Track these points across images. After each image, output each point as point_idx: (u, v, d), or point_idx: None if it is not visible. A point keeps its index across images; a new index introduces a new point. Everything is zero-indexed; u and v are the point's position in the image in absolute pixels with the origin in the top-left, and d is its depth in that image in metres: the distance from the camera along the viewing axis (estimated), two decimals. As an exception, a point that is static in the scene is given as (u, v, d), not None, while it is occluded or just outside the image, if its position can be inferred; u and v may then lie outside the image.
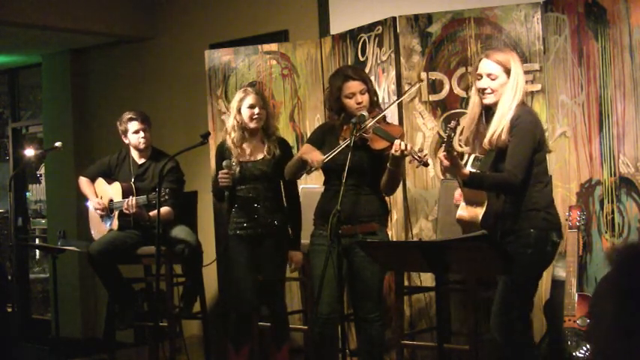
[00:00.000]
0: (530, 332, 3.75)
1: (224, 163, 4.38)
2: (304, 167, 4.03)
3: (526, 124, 3.47)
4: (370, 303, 3.96)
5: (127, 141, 5.13)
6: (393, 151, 3.72)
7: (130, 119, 5.07)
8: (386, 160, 3.86)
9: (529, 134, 3.47)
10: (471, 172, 3.46)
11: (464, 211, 3.69)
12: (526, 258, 3.45)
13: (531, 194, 3.51)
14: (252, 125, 4.45)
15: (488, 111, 3.61)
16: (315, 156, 3.87)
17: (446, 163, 3.38)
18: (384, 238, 3.98)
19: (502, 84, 3.54)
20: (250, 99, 4.45)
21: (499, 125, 3.50)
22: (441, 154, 3.43)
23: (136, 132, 5.06)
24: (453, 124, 3.41)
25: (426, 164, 3.72)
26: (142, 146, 5.09)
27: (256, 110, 4.44)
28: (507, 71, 3.54)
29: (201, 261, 5.08)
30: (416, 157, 3.67)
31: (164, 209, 4.71)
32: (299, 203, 4.55)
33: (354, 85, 3.93)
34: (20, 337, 6.27)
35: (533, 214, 3.51)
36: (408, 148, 3.70)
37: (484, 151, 3.62)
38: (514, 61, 3.57)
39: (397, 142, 3.71)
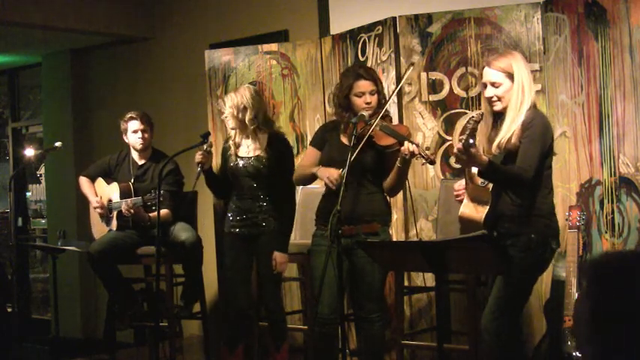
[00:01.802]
0: (521, 334, 3.75)
1: (206, 144, 4.43)
2: (315, 180, 4.07)
3: (539, 127, 3.46)
4: (372, 303, 3.96)
5: (127, 140, 5.13)
6: (402, 152, 3.73)
7: (131, 118, 5.07)
8: (390, 157, 3.86)
9: (541, 137, 3.46)
10: (489, 160, 3.42)
11: (468, 209, 3.68)
12: (523, 262, 3.45)
13: (536, 200, 3.50)
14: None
15: (500, 116, 3.59)
16: (331, 173, 3.84)
17: (459, 146, 3.34)
18: (386, 238, 3.97)
19: (507, 90, 3.52)
20: (223, 100, 4.54)
21: (509, 129, 3.49)
22: (457, 147, 3.37)
23: (135, 132, 5.07)
24: (476, 116, 3.40)
25: (432, 162, 3.73)
26: (139, 147, 5.09)
27: (225, 113, 4.50)
28: (511, 76, 3.52)
29: (201, 256, 5.07)
30: (424, 155, 3.66)
31: (162, 211, 4.70)
32: (292, 204, 4.50)
33: (364, 85, 3.93)
34: (20, 337, 6.27)
35: (535, 219, 3.50)
36: (417, 149, 3.69)
37: (491, 153, 3.61)
38: (516, 63, 3.54)
39: (407, 145, 3.70)
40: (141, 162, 5.16)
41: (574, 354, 3.92)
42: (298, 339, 5.23)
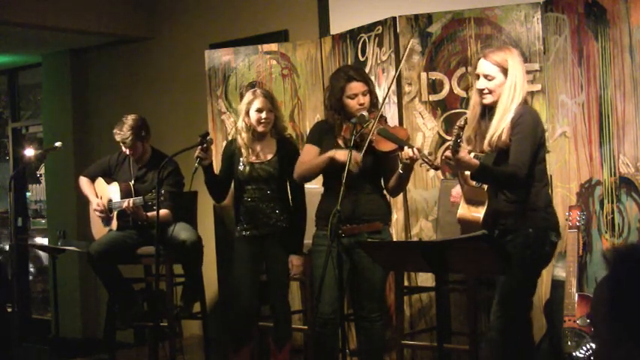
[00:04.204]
0: (530, 332, 3.74)
1: (207, 139, 4.40)
2: (327, 167, 4.00)
3: (528, 122, 3.47)
4: (373, 303, 3.97)
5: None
6: (403, 157, 3.71)
7: (127, 147, 5.05)
8: (390, 161, 3.85)
9: (531, 132, 3.47)
10: (481, 163, 3.42)
11: (464, 211, 3.68)
12: (525, 258, 3.45)
13: (531, 194, 3.51)
14: (259, 129, 4.47)
15: (490, 109, 3.59)
16: (355, 155, 3.71)
17: (447, 153, 3.35)
18: (387, 237, 3.98)
19: (499, 84, 3.53)
20: (258, 102, 4.46)
21: (498, 127, 3.49)
22: (445, 154, 3.39)
23: (129, 150, 5.08)
24: (461, 122, 3.40)
25: (437, 168, 3.69)
26: (137, 157, 5.11)
27: (264, 115, 4.45)
28: (505, 71, 3.52)
29: (201, 256, 5.07)
30: (426, 160, 3.64)
31: (162, 211, 4.69)
32: (305, 207, 4.50)
33: (357, 87, 3.92)
34: (20, 337, 6.27)
35: (531, 213, 3.50)
36: (418, 153, 3.66)
37: (483, 150, 3.61)
38: (512, 60, 3.54)
39: (407, 150, 3.68)
40: (141, 163, 5.16)
41: (574, 354, 3.92)
42: (298, 339, 5.23)
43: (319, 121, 4.30)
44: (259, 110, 4.46)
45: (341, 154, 3.82)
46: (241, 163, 4.49)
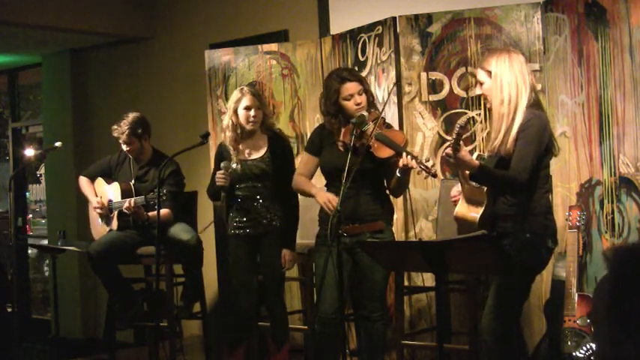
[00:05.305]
0: (521, 334, 3.75)
1: (222, 164, 4.40)
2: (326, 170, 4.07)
3: (534, 127, 3.45)
4: (375, 302, 3.97)
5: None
6: (400, 165, 3.70)
7: (123, 142, 5.05)
8: (389, 165, 3.85)
9: (536, 137, 3.45)
10: (481, 164, 3.43)
11: (463, 210, 3.68)
12: (520, 262, 3.44)
13: (532, 199, 3.50)
14: (248, 127, 4.46)
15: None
16: (330, 200, 3.82)
17: (448, 151, 3.36)
18: (390, 236, 3.98)
19: (488, 88, 3.55)
20: (246, 100, 4.45)
21: (498, 129, 3.49)
22: (446, 151, 3.39)
23: (126, 147, 5.09)
24: (463, 121, 3.40)
25: (434, 175, 3.68)
26: (135, 156, 5.10)
27: (252, 112, 4.45)
28: (490, 74, 3.54)
29: (201, 256, 5.07)
30: (423, 168, 3.62)
31: (163, 211, 4.70)
32: (296, 202, 4.52)
33: (351, 87, 3.92)
34: (20, 337, 6.27)
35: (531, 219, 3.49)
36: (415, 163, 3.65)
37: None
38: (499, 60, 3.53)
39: (405, 158, 3.68)
40: (142, 163, 5.16)
41: (574, 354, 3.92)
42: (298, 339, 5.23)
43: (318, 127, 4.29)
44: (247, 108, 4.45)
45: (319, 197, 3.89)
46: (233, 162, 4.48)
